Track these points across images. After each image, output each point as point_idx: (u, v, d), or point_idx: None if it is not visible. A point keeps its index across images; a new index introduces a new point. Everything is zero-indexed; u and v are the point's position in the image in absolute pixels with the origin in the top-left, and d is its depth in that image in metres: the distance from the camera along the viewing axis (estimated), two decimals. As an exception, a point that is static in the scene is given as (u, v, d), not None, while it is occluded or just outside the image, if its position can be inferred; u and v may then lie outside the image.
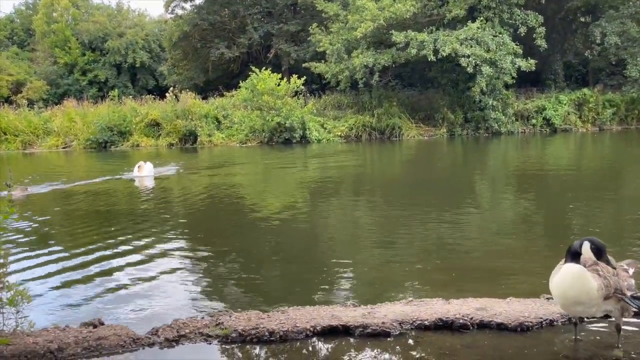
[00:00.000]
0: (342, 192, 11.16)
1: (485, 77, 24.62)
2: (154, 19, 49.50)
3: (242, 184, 13.02)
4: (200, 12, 36.59)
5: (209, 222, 8.42)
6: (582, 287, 3.14)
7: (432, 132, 27.55)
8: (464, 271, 5.29)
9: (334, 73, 27.38)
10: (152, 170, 14.14)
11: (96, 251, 6.42)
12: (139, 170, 13.78)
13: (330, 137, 26.64)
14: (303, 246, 6.74)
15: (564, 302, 3.26)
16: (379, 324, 3.73)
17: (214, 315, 4.02)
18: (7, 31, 51.79)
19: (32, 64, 45.14)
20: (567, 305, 3.27)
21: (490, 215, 8.22)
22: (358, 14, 26.03)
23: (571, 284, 3.16)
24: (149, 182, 13.19)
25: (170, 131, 26.55)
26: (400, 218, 8.08)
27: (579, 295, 3.16)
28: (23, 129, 28.10)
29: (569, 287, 3.17)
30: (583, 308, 3.22)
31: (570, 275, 3.17)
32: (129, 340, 3.61)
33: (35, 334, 3.64)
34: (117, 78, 43.72)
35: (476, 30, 24.61)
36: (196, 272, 5.59)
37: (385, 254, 6.10)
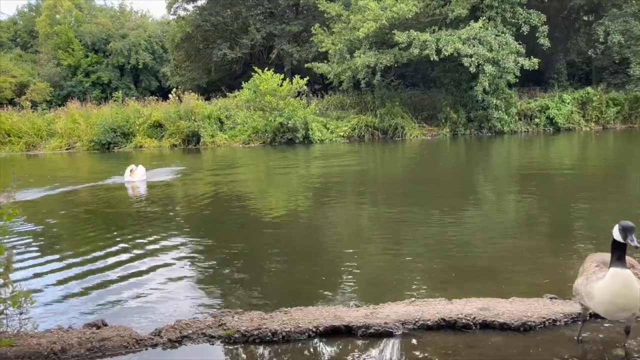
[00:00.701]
0: (345, 193, 11.16)
1: (488, 76, 24.57)
2: (157, 21, 49.66)
3: (245, 185, 13.04)
4: (203, 13, 36.65)
5: (211, 223, 8.43)
6: (632, 294, 3.01)
7: (435, 131, 27.51)
8: (467, 271, 5.29)
9: (337, 73, 27.38)
10: (145, 174, 13.33)
11: (97, 254, 6.43)
12: (131, 175, 12.92)
13: (333, 137, 26.64)
14: (306, 246, 6.74)
15: (610, 307, 3.11)
16: (382, 324, 3.73)
17: (217, 316, 4.02)
18: (11, 33, 52.03)
19: (36, 66, 45.32)
20: (612, 311, 3.13)
21: (493, 215, 8.21)
22: (360, 14, 26.02)
23: (622, 291, 3.02)
24: (141, 187, 12.42)
25: (174, 132, 26.59)
26: (404, 218, 8.07)
27: (627, 302, 3.04)
28: (27, 130, 28.20)
29: (619, 294, 3.02)
30: (627, 314, 3.13)
31: (621, 282, 3.01)
32: (132, 341, 3.62)
33: (38, 335, 3.66)
34: (120, 79, 43.84)
35: (479, 30, 24.56)
36: (198, 273, 5.59)
37: (388, 254, 6.10)
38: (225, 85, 33.22)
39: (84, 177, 14.83)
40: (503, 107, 26.71)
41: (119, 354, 3.53)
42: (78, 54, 43.33)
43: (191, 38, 37.03)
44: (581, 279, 3.34)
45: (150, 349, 3.60)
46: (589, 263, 3.41)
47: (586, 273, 3.33)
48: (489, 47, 24.63)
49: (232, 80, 35.47)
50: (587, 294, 3.21)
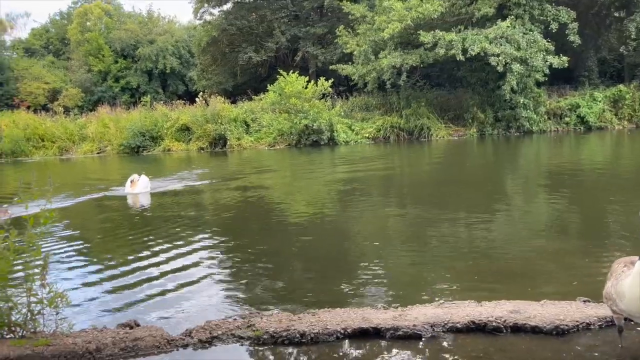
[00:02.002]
0: (371, 194, 11.13)
1: (516, 75, 24.15)
2: (183, 26, 50.35)
3: (271, 187, 13.11)
4: (228, 17, 37.06)
5: (237, 226, 8.51)
6: None
7: (462, 132, 27.18)
8: (495, 273, 5.22)
9: (361, 74, 27.32)
10: (148, 184, 12.06)
11: (127, 256, 6.57)
12: (132, 186, 11.64)
13: (358, 139, 26.59)
14: (332, 248, 6.75)
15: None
16: (410, 327, 3.71)
17: (246, 317, 4.06)
18: (43, 41, 53.51)
19: (68, 72, 46.48)
20: None
21: (522, 216, 8.07)
22: (385, 15, 25.92)
23: None
24: (144, 199, 11.33)
25: (201, 135, 26.94)
26: (430, 219, 8.01)
27: None
28: (60, 135, 28.96)
29: None
30: None
31: None
32: (163, 342, 3.68)
33: (74, 334, 3.75)
34: (148, 84, 44.63)
35: (506, 29, 24.17)
36: (225, 274, 5.66)
37: (415, 256, 6.06)
38: (251, 88, 33.49)
39: (115, 181, 15.15)
40: (531, 106, 26.23)
41: (151, 354, 3.60)
42: (108, 60, 44.30)
43: (217, 42, 37.46)
44: (611, 282, 3.27)
45: (182, 349, 3.66)
46: (617, 265, 3.34)
47: (615, 274, 3.26)
48: (517, 45, 24.22)
49: (257, 83, 35.73)
50: (618, 294, 3.14)
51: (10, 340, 3.66)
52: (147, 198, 11.41)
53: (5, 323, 3.71)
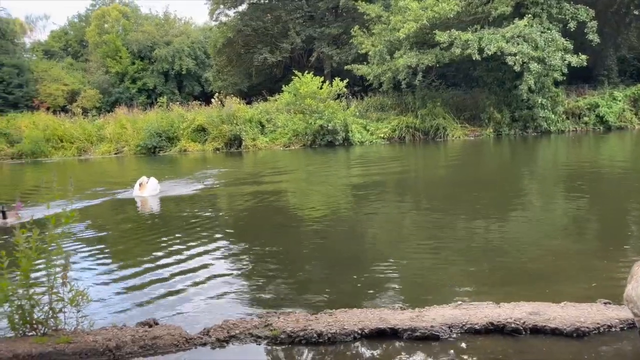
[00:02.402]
0: (386, 194, 11.09)
1: (534, 74, 23.87)
2: (199, 27, 50.70)
3: (287, 187, 13.13)
4: (244, 18, 37.24)
5: (253, 226, 8.54)
6: None
7: (478, 132, 26.96)
8: (512, 274, 5.17)
9: (377, 74, 27.25)
10: (157, 187, 11.71)
11: (145, 256, 6.63)
12: (141, 189, 11.34)
13: (373, 139, 26.53)
14: (347, 248, 6.74)
15: None
16: (428, 327, 3.69)
17: (263, 317, 4.08)
18: (62, 43, 54.30)
19: (86, 74, 47.10)
20: None
21: (540, 217, 7.98)
22: (400, 15, 25.82)
23: None
24: (153, 202, 11.01)
25: (216, 136, 27.11)
26: (446, 219, 7.96)
27: None
28: (78, 136, 29.38)
29: None
30: None
31: None
32: (182, 340, 3.72)
33: (94, 332, 3.81)
34: (164, 85, 45.02)
35: (523, 28, 23.92)
36: (242, 274, 5.69)
37: (431, 256, 6.02)
38: (266, 89, 33.62)
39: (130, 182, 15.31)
40: (549, 105, 25.91)
41: (169, 352, 3.63)
42: (125, 62, 44.79)
43: (232, 43, 37.67)
44: (631, 285, 3.22)
45: (200, 348, 3.69)
46: (637, 268, 3.30)
47: (635, 277, 3.22)
48: (534, 44, 23.94)
49: (272, 84, 35.86)
50: (639, 297, 3.09)
51: (32, 338, 3.72)
52: (156, 201, 11.14)
53: (28, 320, 3.77)
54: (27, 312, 3.75)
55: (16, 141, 29.04)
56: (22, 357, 3.54)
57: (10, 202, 10.93)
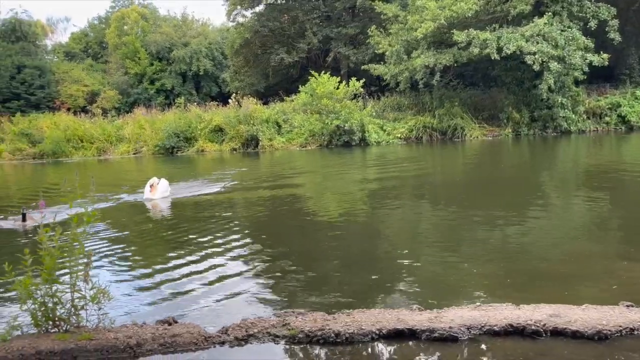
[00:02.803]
0: (403, 194, 11.04)
1: (554, 73, 23.57)
2: (217, 28, 51.03)
3: (303, 187, 13.15)
4: (261, 19, 37.41)
5: (270, 226, 8.58)
6: None
7: (497, 132, 26.70)
8: (531, 275, 5.10)
9: (394, 74, 27.17)
10: (168, 189, 11.39)
11: (164, 255, 6.71)
12: (152, 191, 10.99)
13: (390, 139, 26.44)
14: (365, 248, 6.73)
15: None
16: (446, 329, 3.67)
17: (281, 316, 4.09)
18: (83, 44, 55.11)
19: (106, 75, 47.74)
20: None
21: (560, 218, 7.87)
22: (418, 14, 25.70)
23: None
24: (164, 205, 10.67)
25: (233, 136, 27.29)
26: (464, 221, 7.90)
27: None
28: (98, 136, 29.82)
29: None
30: None
31: None
32: (201, 338, 3.75)
33: (115, 329, 3.86)
34: (182, 86, 45.42)
35: (543, 26, 23.63)
36: (260, 274, 5.71)
37: (449, 257, 5.98)
38: (283, 89, 33.73)
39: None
40: (569, 105, 25.55)
41: (189, 350, 3.67)
42: (144, 63, 45.31)
43: (250, 44, 37.87)
44: None
45: (218, 346, 3.71)
46: None
47: None
48: (554, 43, 23.64)
49: (289, 84, 35.96)
50: None
51: (55, 334, 3.79)
52: (167, 203, 10.80)
53: (51, 317, 3.84)
54: (50, 310, 3.82)
55: (38, 141, 29.59)
56: (45, 353, 3.60)
57: (32, 201, 11.14)
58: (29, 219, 8.48)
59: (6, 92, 41.13)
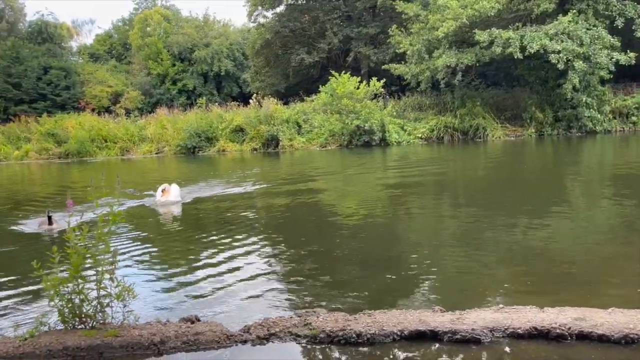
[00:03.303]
0: (425, 195, 10.98)
1: (579, 73, 23.15)
2: (238, 29, 51.41)
3: (323, 187, 13.16)
4: (282, 19, 37.56)
5: (291, 226, 8.61)
6: None
7: (519, 132, 26.35)
8: (556, 278, 5.03)
9: (414, 74, 27.01)
10: (180, 193, 11.27)
11: (187, 255, 6.79)
12: (164, 195, 10.84)
13: (411, 139, 26.30)
14: (386, 249, 6.71)
15: None
16: (469, 330, 3.64)
17: (302, 315, 4.11)
18: (107, 46, 56.09)
19: (129, 76, 48.50)
20: None
21: (585, 220, 7.73)
22: (439, 14, 25.50)
23: None
24: (176, 209, 10.53)
25: (254, 136, 27.46)
26: (486, 221, 7.81)
27: None
28: (121, 136, 30.30)
29: None
30: None
31: None
32: (223, 337, 3.78)
33: (139, 327, 3.92)
34: (203, 86, 45.86)
35: (567, 24, 23.23)
36: (280, 274, 5.74)
37: (470, 259, 5.93)
38: (303, 89, 33.81)
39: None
40: (595, 105, 25.07)
41: (211, 348, 3.71)
42: (166, 64, 45.90)
43: (270, 44, 38.05)
44: None
45: (240, 345, 3.74)
46: None
47: None
48: (579, 41, 23.22)
49: (309, 84, 36.04)
50: None
51: (81, 331, 3.86)
52: (179, 207, 10.62)
53: (77, 314, 3.92)
54: (77, 306, 3.90)
55: (63, 141, 30.21)
56: (72, 349, 3.68)
57: (57, 198, 11.38)
58: (55, 222, 8.40)
59: (33, 93, 42.08)
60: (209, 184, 13.90)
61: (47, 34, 47.66)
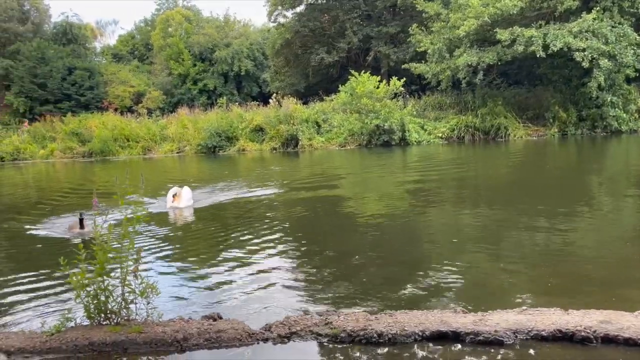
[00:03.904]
0: (446, 195, 10.89)
1: (604, 71, 22.69)
2: (258, 29, 51.64)
3: (343, 187, 13.15)
4: (301, 19, 37.61)
5: (311, 226, 8.63)
6: None
7: (542, 132, 25.94)
8: (579, 280, 4.95)
9: (435, 73, 26.80)
10: (191, 198, 10.72)
11: (208, 253, 6.86)
12: (174, 200, 10.36)
13: (431, 139, 26.11)
14: (406, 250, 6.68)
15: None
16: (492, 332, 3.61)
17: (323, 315, 4.12)
18: (129, 46, 56.85)
19: (151, 76, 49.08)
20: None
21: (609, 221, 7.59)
22: (460, 12, 25.26)
23: None
24: (187, 213, 10.11)
25: (274, 136, 27.55)
26: (508, 223, 7.72)
27: None
28: (143, 135, 30.70)
29: None
30: None
31: None
32: (245, 335, 3.82)
33: (163, 323, 3.98)
34: (224, 86, 46.17)
35: (592, 22, 22.78)
36: (301, 273, 5.76)
37: (491, 260, 5.87)
38: (323, 89, 33.80)
39: (196, 181, 15.81)
40: (620, 104, 24.55)
41: (233, 346, 3.75)
42: (187, 64, 46.33)
43: (290, 44, 38.13)
44: None
45: (262, 343, 3.78)
46: None
47: None
48: (604, 39, 22.75)
49: (329, 84, 36.01)
50: None
51: (106, 327, 3.94)
52: (191, 211, 10.22)
53: (102, 310, 3.99)
54: (102, 302, 3.97)
55: (87, 140, 30.75)
56: (97, 344, 3.75)
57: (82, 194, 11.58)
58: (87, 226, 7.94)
59: (58, 93, 42.88)
60: (228, 185, 14.00)
61: (71, 34, 48.47)
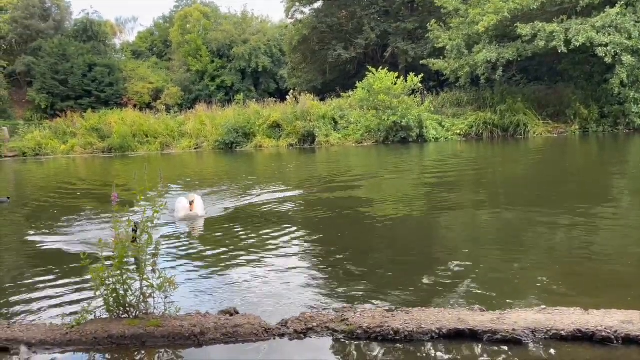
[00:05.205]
0: (464, 193, 10.80)
1: (627, 67, 22.24)
2: (275, 25, 51.72)
3: (360, 185, 13.12)
4: (319, 15, 37.56)
5: (327, 223, 8.62)
6: None
7: (562, 129, 25.54)
8: (599, 280, 4.86)
9: (454, 69, 26.56)
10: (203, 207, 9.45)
11: (225, 249, 6.89)
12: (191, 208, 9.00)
13: (449, 136, 25.90)
14: (423, 247, 6.64)
15: None
16: (510, 331, 3.57)
17: (339, 311, 4.11)
18: (148, 43, 57.42)
19: (169, 72, 49.53)
20: None
21: (632, 220, 7.43)
22: (480, 8, 24.96)
23: None
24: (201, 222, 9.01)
25: (290, 132, 27.61)
26: (527, 221, 7.61)
27: None
28: (162, 132, 31.03)
29: None
30: None
31: None
32: (261, 330, 3.83)
33: (180, 318, 4.01)
34: (241, 82, 46.39)
35: (615, 17, 22.33)
36: (317, 270, 5.76)
37: (509, 258, 5.80)
38: (340, 85, 33.75)
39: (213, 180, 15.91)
40: (644, 100, 24.06)
41: (249, 341, 3.76)
42: (205, 60, 46.64)
43: (307, 40, 38.11)
44: None
45: (278, 338, 3.79)
46: None
47: None
48: (628, 35, 22.30)
49: (346, 80, 35.94)
50: None
51: (125, 320, 3.99)
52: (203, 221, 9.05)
53: (121, 304, 4.05)
54: (121, 296, 4.02)
55: (107, 136, 31.21)
56: (116, 337, 3.80)
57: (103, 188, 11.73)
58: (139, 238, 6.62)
59: (79, 89, 43.52)
60: (246, 182, 14.05)
61: (92, 31, 49.12)
